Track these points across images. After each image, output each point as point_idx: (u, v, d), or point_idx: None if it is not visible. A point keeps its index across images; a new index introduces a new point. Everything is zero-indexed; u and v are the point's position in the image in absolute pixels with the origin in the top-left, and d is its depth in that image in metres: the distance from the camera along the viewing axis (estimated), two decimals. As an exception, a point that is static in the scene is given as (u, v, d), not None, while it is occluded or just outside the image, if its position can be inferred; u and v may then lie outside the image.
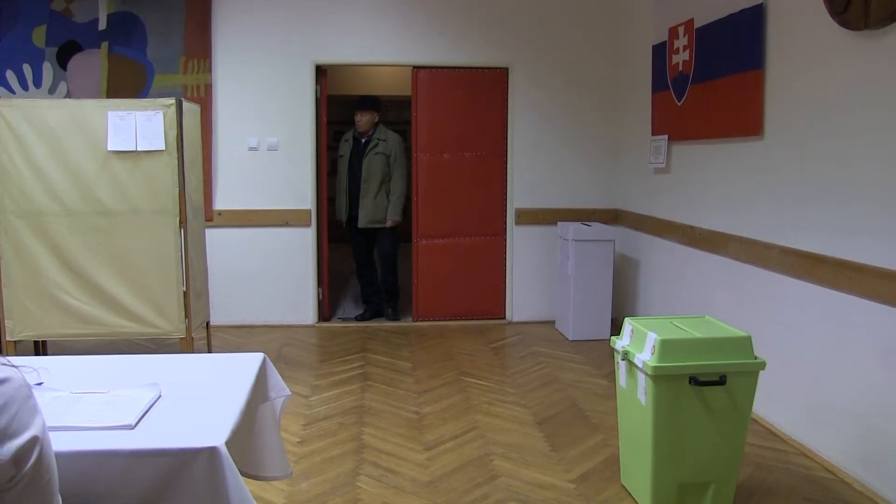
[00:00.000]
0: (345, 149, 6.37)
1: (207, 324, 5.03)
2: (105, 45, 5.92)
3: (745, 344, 2.87)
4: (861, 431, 3.23)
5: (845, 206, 3.33)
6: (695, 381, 2.79)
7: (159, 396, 1.89)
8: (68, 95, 5.86)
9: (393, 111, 10.37)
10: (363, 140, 6.27)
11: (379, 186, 6.20)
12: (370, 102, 6.31)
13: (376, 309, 6.53)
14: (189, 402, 1.88)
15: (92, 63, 5.92)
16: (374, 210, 6.23)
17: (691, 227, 4.89)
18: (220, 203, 6.12)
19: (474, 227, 6.39)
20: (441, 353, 5.47)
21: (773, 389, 3.80)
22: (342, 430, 3.90)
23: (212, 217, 5.96)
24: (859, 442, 3.24)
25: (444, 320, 6.41)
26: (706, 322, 3.13)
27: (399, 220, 6.33)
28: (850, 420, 3.30)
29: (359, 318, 6.44)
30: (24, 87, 5.86)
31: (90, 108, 4.35)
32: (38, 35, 5.85)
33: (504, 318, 6.49)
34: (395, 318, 6.44)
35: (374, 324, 6.29)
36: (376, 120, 6.31)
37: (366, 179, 6.19)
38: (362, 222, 6.23)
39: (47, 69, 5.87)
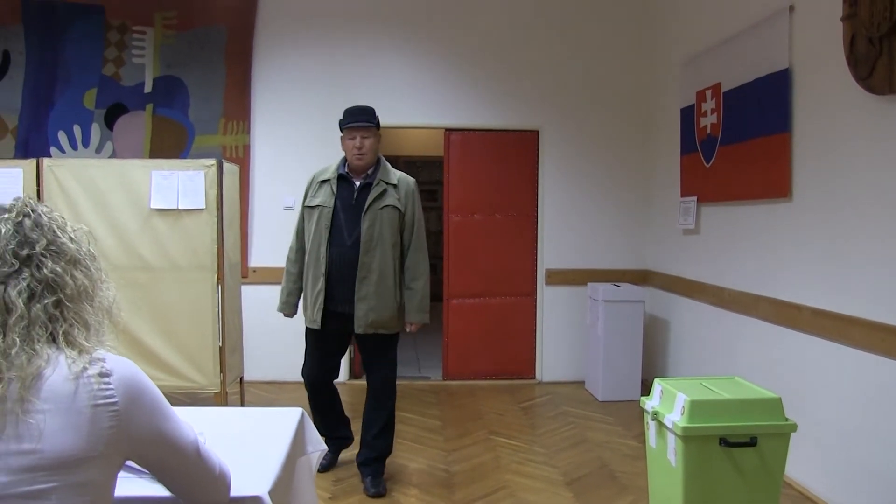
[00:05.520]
0: (322, 195, 3.88)
1: (241, 379, 5.11)
2: (150, 106, 6.16)
3: (775, 406, 2.87)
4: (896, 497, 3.19)
5: (876, 268, 3.35)
6: (725, 442, 2.79)
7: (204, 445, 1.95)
8: (113, 154, 6.08)
9: (424, 171, 10.55)
10: (358, 183, 3.87)
11: (388, 263, 3.79)
12: (372, 115, 3.91)
13: (341, 443, 4.20)
14: (232, 452, 1.93)
15: (136, 123, 6.15)
16: (382, 304, 3.77)
17: (721, 288, 4.90)
18: (255, 260, 6.25)
19: (505, 287, 6.44)
20: (471, 411, 5.47)
21: (808, 452, 3.76)
22: (372, 487, 3.91)
23: (247, 274, 6.08)
24: (895, 508, 3.20)
25: (474, 379, 6.42)
26: (736, 383, 3.13)
27: (426, 323, 3.97)
28: (887, 484, 3.25)
29: (324, 468, 4.05)
30: (74, 146, 6.10)
31: (135, 167, 4.53)
32: (89, 98, 6.12)
33: (534, 377, 6.48)
34: (380, 492, 3.79)
35: (403, 381, 6.26)
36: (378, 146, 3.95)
37: (367, 251, 3.74)
38: (361, 325, 3.75)
39: (95, 130, 6.11)
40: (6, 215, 1.38)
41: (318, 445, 2.35)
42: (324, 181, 3.90)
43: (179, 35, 6.20)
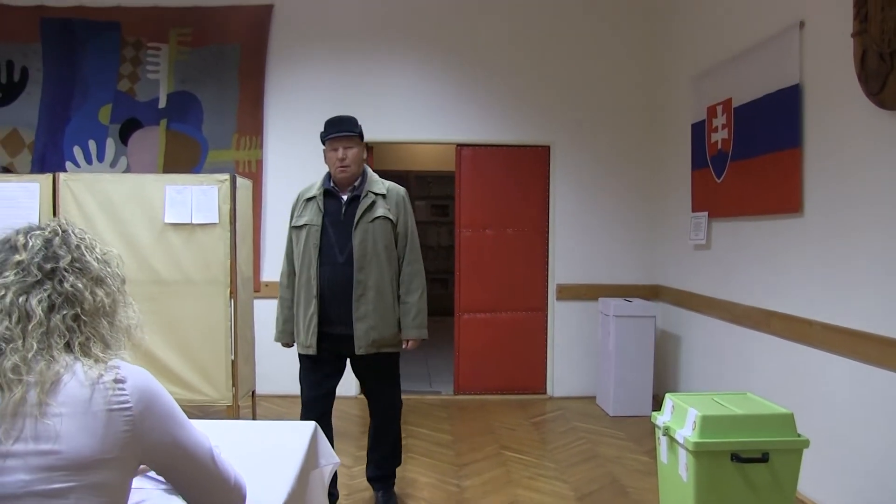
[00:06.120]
0: (308, 213, 3.71)
1: (253, 392, 5.13)
2: (163, 122, 6.22)
3: (787, 421, 2.87)
4: (910, 514, 3.17)
5: (888, 283, 3.34)
6: (736, 457, 2.79)
7: (217, 459, 1.97)
8: (127, 169, 6.14)
9: (435, 186, 10.59)
10: (345, 197, 3.69)
11: (385, 278, 3.62)
12: (354, 124, 3.71)
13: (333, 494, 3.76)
14: (246, 465, 1.95)
15: (150, 138, 6.21)
16: (383, 322, 3.60)
17: (732, 304, 4.89)
18: (267, 275, 6.28)
19: (516, 301, 6.45)
20: (482, 426, 5.47)
21: (820, 468, 3.74)
22: (383, 501, 3.91)
23: (259, 288, 6.11)
24: (909, 525, 3.18)
25: (485, 394, 6.42)
26: (747, 399, 3.13)
27: (424, 339, 3.76)
28: (899, 502, 3.24)
29: None
30: (89, 161, 6.17)
31: (149, 182, 4.57)
32: (104, 113, 6.19)
33: (545, 392, 6.48)
34: None
35: (414, 396, 6.29)
36: (364, 157, 3.77)
37: (361, 267, 3.56)
38: (363, 346, 3.56)
39: (110, 145, 6.18)
40: (38, 232, 1.48)
41: (330, 459, 2.36)
42: (309, 199, 3.74)
43: (194, 51, 6.27)
